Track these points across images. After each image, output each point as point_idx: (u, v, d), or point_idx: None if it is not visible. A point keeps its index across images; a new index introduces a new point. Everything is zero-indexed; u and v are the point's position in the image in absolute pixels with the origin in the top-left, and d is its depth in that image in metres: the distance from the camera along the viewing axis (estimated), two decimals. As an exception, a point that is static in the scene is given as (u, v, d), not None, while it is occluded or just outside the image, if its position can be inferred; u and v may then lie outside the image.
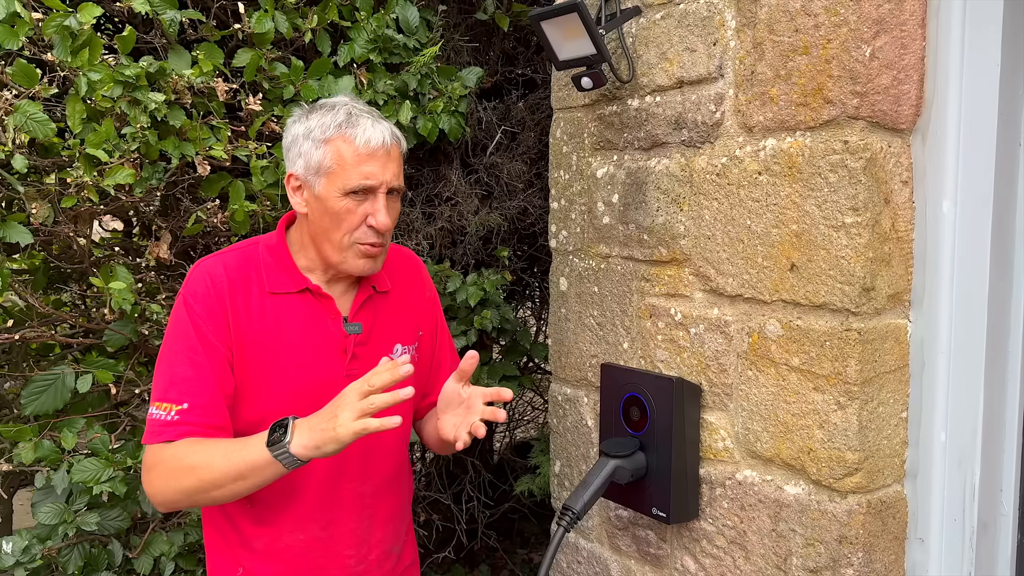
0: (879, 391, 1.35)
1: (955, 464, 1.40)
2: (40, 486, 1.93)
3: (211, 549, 1.59)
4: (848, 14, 1.28)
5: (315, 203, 1.46)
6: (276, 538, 1.52)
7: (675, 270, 1.61)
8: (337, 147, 1.43)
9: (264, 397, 1.47)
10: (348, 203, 1.43)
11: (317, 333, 1.51)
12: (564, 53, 1.63)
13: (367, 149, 1.43)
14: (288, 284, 1.50)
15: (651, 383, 1.60)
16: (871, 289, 1.31)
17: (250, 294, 1.47)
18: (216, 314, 1.43)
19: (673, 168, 1.60)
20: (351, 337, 1.52)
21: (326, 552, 1.55)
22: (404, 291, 1.66)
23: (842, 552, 1.35)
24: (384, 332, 1.59)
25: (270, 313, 1.48)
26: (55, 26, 1.69)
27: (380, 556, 1.62)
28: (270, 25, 1.99)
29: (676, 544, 1.64)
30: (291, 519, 1.52)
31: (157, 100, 1.79)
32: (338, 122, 1.44)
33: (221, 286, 1.45)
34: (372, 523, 1.60)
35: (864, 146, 1.29)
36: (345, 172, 1.43)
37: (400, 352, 1.61)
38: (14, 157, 1.67)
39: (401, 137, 1.52)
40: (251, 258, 1.51)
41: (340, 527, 1.55)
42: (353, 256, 1.47)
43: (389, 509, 1.64)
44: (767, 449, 1.46)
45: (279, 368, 1.47)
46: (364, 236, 1.46)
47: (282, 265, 1.51)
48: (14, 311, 1.99)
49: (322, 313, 1.52)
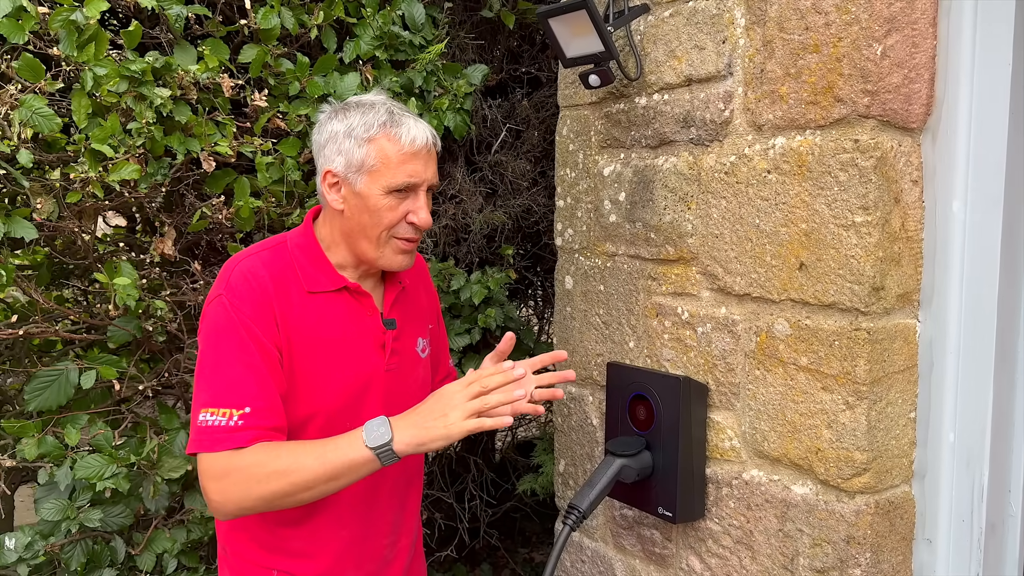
0: (888, 391, 1.34)
1: (964, 465, 1.39)
2: (43, 482, 1.93)
3: (236, 553, 1.55)
4: (859, 12, 1.28)
5: (354, 200, 1.46)
6: (315, 537, 1.52)
7: (682, 269, 1.61)
8: (381, 146, 1.44)
9: (312, 395, 1.46)
10: (390, 200, 1.45)
11: (358, 330, 1.52)
12: (572, 50, 1.62)
13: (412, 148, 1.44)
14: (326, 283, 1.50)
15: (658, 382, 1.60)
16: (880, 289, 1.31)
17: (290, 294, 1.46)
18: (264, 314, 1.42)
19: (681, 166, 1.59)
20: (389, 332, 1.55)
21: (364, 544, 1.57)
22: (416, 287, 1.69)
23: (849, 552, 1.35)
24: (411, 327, 1.62)
25: (311, 312, 1.47)
26: (61, 20, 1.68)
27: (409, 542, 1.66)
28: (276, 21, 1.99)
29: (682, 544, 1.64)
30: (332, 515, 1.52)
31: (163, 95, 1.79)
32: (381, 121, 1.44)
33: (265, 285, 1.43)
34: (404, 511, 1.64)
35: (874, 145, 1.28)
36: (390, 170, 1.43)
37: (422, 345, 1.64)
38: (19, 152, 1.67)
39: (437, 137, 1.52)
40: (283, 257, 1.50)
41: (379, 518, 1.58)
42: (391, 251, 1.48)
43: (416, 496, 1.68)
44: (774, 449, 1.45)
45: (325, 366, 1.47)
46: (404, 232, 1.48)
47: (317, 264, 1.50)
48: (17, 307, 1.98)
49: (360, 311, 1.53)
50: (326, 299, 1.49)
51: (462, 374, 2.39)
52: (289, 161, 2.04)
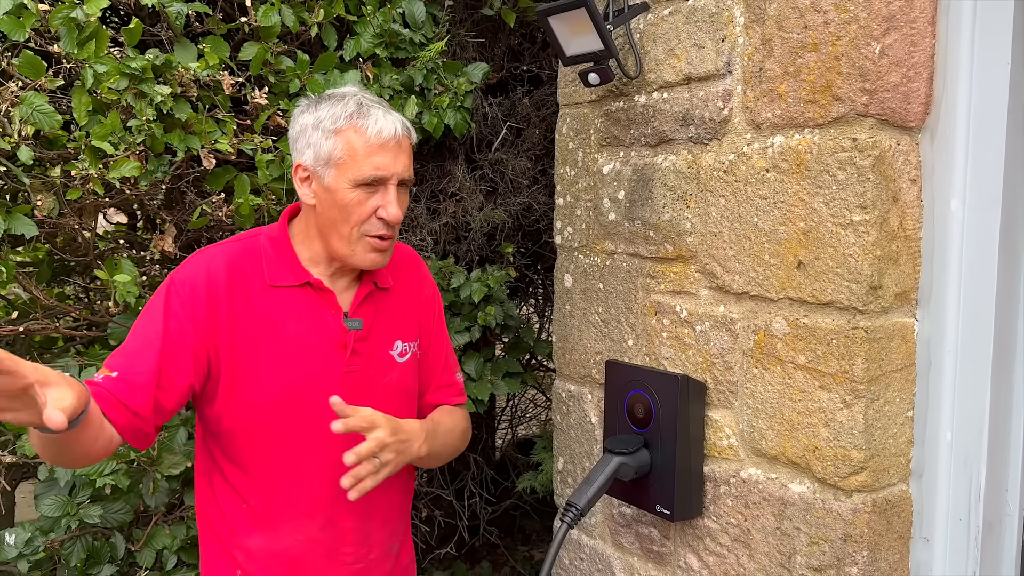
0: (885, 390, 1.34)
1: (961, 463, 1.39)
2: (43, 478, 1.93)
3: (206, 551, 1.56)
4: (858, 11, 1.28)
5: (324, 194, 1.44)
6: (275, 539, 1.50)
7: (681, 267, 1.61)
8: (348, 138, 1.41)
9: (262, 390, 1.45)
10: (358, 195, 1.42)
11: (317, 327, 1.49)
12: (571, 49, 1.62)
13: (379, 140, 1.42)
14: (289, 277, 1.48)
15: (656, 380, 1.60)
16: (878, 287, 1.31)
17: (249, 287, 1.46)
18: (198, 303, 1.41)
19: (680, 165, 1.59)
20: (351, 333, 1.51)
21: (326, 552, 1.53)
22: (406, 288, 1.64)
23: (846, 551, 1.35)
24: (385, 329, 1.58)
25: (269, 307, 1.46)
26: (62, 18, 1.69)
27: (380, 555, 1.61)
28: (276, 19, 1.99)
29: (680, 542, 1.64)
30: (290, 519, 1.50)
31: (163, 93, 1.79)
32: (349, 112, 1.42)
33: (217, 276, 1.43)
34: (372, 522, 1.58)
35: (873, 144, 1.29)
36: (356, 163, 1.41)
37: (401, 349, 1.60)
38: (19, 148, 1.67)
39: (411, 128, 1.50)
40: (253, 250, 1.50)
41: (340, 526, 1.54)
42: (363, 249, 1.46)
43: (388, 508, 1.62)
44: (772, 447, 1.45)
45: (277, 362, 1.46)
46: (374, 228, 1.45)
47: (284, 258, 1.49)
48: (18, 303, 1.99)
49: (323, 308, 1.50)
50: (288, 294, 1.48)
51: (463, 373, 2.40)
52: (289, 158, 2.04)
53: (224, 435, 1.49)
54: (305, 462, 1.49)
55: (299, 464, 1.49)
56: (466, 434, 1.72)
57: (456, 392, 1.74)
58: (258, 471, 1.49)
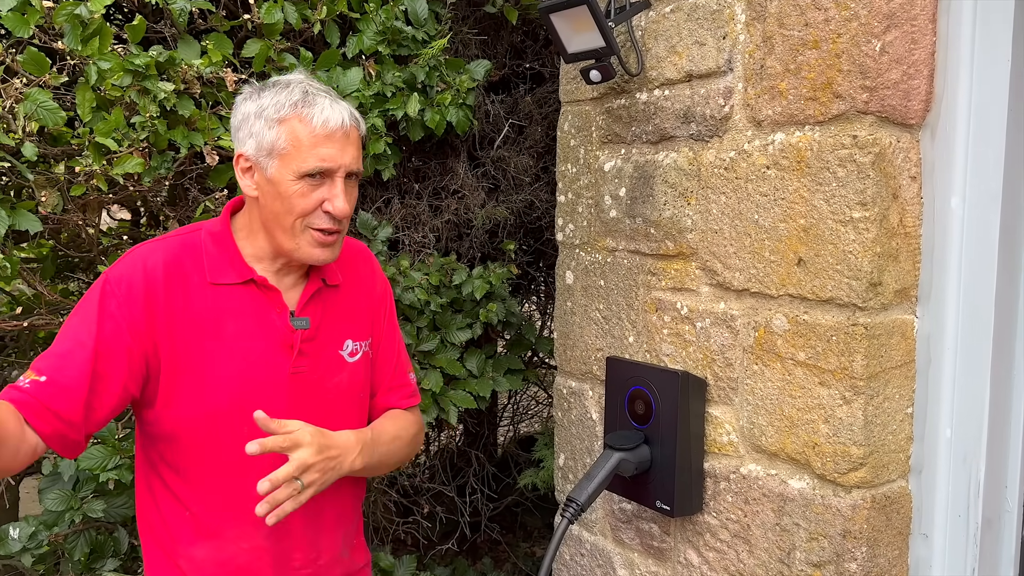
0: (885, 386, 1.35)
1: (960, 460, 1.40)
2: (47, 473, 1.95)
3: (149, 561, 1.48)
4: (859, 8, 1.28)
5: (267, 186, 1.37)
6: (219, 548, 1.43)
7: (682, 264, 1.61)
8: (292, 127, 1.34)
9: (204, 393, 1.38)
10: (303, 187, 1.35)
11: (261, 327, 1.42)
12: (573, 46, 1.63)
13: (325, 130, 1.35)
14: (231, 275, 1.41)
15: (656, 376, 1.61)
16: (878, 284, 1.31)
17: (189, 285, 1.39)
18: (134, 304, 1.34)
19: (681, 162, 1.60)
20: (298, 332, 1.43)
21: (273, 560, 1.46)
22: (356, 285, 1.57)
23: (846, 547, 1.35)
24: (334, 328, 1.51)
25: (210, 305, 1.39)
26: (66, 14, 1.70)
27: (330, 560, 1.54)
28: (279, 16, 2.00)
29: (680, 537, 1.65)
30: (233, 528, 1.43)
31: (166, 89, 1.80)
32: (293, 101, 1.35)
33: (154, 274, 1.36)
34: (320, 526, 1.51)
35: (873, 141, 1.29)
36: (300, 154, 1.34)
37: (351, 348, 1.53)
38: (24, 145, 1.68)
39: (360, 119, 1.43)
40: (192, 246, 1.42)
41: (287, 533, 1.46)
42: (307, 243, 1.39)
43: (337, 511, 1.54)
44: (772, 443, 1.46)
45: (220, 363, 1.39)
46: (319, 222, 1.38)
47: (226, 254, 1.42)
48: (22, 299, 2.00)
49: (267, 306, 1.43)
50: (230, 292, 1.41)
51: (464, 370, 2.41)
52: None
53: (164, 440, 1.42)
54: (248, 468, 1.40)
55: (242, 470, 1.40)
56: (416, 439, 1.65)
57: (408, 393, 1.66)
58: (200, 478, 1.42)
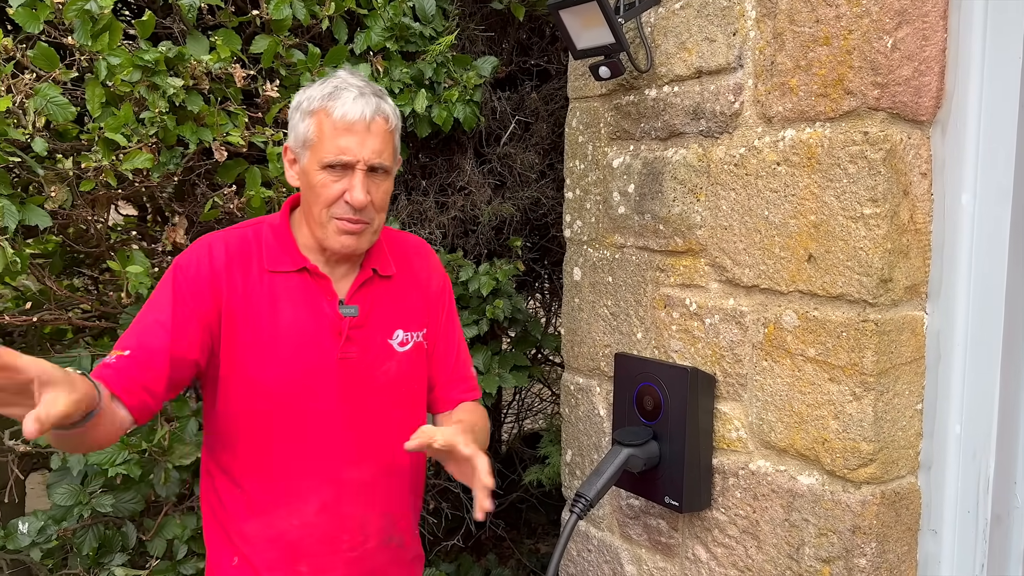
0: (895, 382, 1.35)
1: (969, 456, 1.40)
2: (56, 468, 1.95)
3: (209, 539, 1.58)
4: (870, 5, 1.28)
5: (302, 176, 1.47)
6: (270, 524, 1.51)
7: (691, 260, 1.61)
8: (319, 120, 1.42)
9: (258, 374, 1.47)
10: (325, 177, 1.42)
11: (312, 313, 1.49)
12: (582, 42, 1.63)
13: (343, 123, 1.40)
14: (287, 263, 1.49)
15: (665, 373, 1.61)
16: (888, 280, 1.31)
17: (249, 272, 1.47)
18: (202, 285, 1.44)
19: (690, 158, 1.60)
20: (346, 320, 1.50)
21: (322, 538, 1.53)
22: (411, 277, 1.63)
23: (855, 542, 1.36)
24: (384, 317, 1.57)
25: (267, 292, 1.47)
26: (76, 10, 1.70)
27: (378, 544, 1.59)
28: (288, 12, 2.00)
29: (688, 533, 1.65)
30: (283, 505, 1.50)
31: (176, 85, 1.80)
32: (323, 94, 1.42)
33: (218, 261, 1.46)
34: (370, 510, 1.57)
35: (884, 137, 1.29)
36: (323, 145, 1.41)
37: (401, 338, 1.59)
38: (34, 140, 1.68)
39: (391, 114, 1.47)
40: (254, 236, 1.51)
41: (336, 512, 1.53)
42: (333, 232, 1.45)
43: (389, 497, 1.60)
44: (781, 439, 1.46)
45: (273, 346, 1.47)
46: (340, 211, 1.44)
47: (282, 244, 1.51)
48: (28, 294, 2.00)
49: (318, 294, 1.50)
50: (285, 279, 1.49)
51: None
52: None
53: (221, 418, 1.50)
54: (299, 447, 1.49)
55: (293, 449, 1.49)
56: (488, 430, 1.70)
57: (471, 387, 1.72)
58: (252, 455, 1.50)
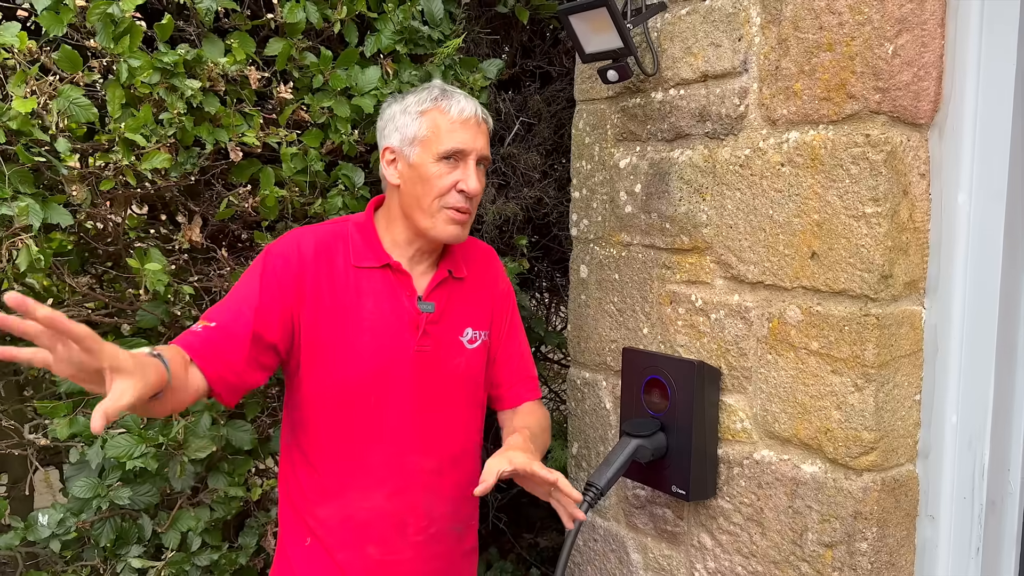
0: (895, 374, 1.41)
1: (965, 444, 1.46)
2: (75, 461, 1.99)
3: (283, 519, 1.69)
4: (872, 13, 1.34)
5: (408, 172, 1.59)
6: (342, 507, 1.61)
7: (696, 258, 1.67)
8: (433, 117, 1.59)
9: (341, 361, 1.57)
10: (441, 168, 1.56)
11: (393, 307, 1.61)
12: (591, 46, 1.68)
13: (461, 118, 1.58)
14: (371, 259, 1.62)
15: (672, 366, 1.66)
16: (889, 276, 1.37)
17: (335, 265, 1.60)
18: (290, 272, 1.55)
19: (696, 159, 1.65)
20: (424, 315, 1.62)
21: (390, 522, 1.62)
22: (480, 280, 1.76)
23: (857, 527, 1.42)
24: (456, 315, 1.69)
25: (352, 285, 1.59)
26: (99, 13, 1.74)
27: (441, 531, 1.68)
28: (301, 15, 2.04)
29: (693, 521, 1.71)
30: (356, 488, 1.61)
31: (193, 87, 1.84)
32: (433, 96, 1.60)
33: (306, 252, 1.58)
34: (437, 498, 1.67)
35: (885, 139, 1.35)
36: (439, 138, 1.57)
37: (470, 336, 1.71)
38: (58, 140, 1.72)
39: (489, 117, 1.66)
40: (340, 232, 1.64)
41: (405, 499, 1.63)
42: (443, 221, 1.58)
43: (455, 487, 1.69)
44: (785, 430, 1.52)
45: (355, 336, 1.58)
46: (454, 201, 1.58)
47: (367, 241, 1.64)
48: (49, 290, 2.04)
49: (399, 289, 1.62)
50: (369, 274, 1.61)
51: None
52: (312, 152, 2.10)
53: (302, 405, 1.61)
54: (374, 433, 1.60)
55: (368, 435, 1.60)
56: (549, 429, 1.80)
57: (535, 386, 1.82)
58: (330, 440, 1.60)
